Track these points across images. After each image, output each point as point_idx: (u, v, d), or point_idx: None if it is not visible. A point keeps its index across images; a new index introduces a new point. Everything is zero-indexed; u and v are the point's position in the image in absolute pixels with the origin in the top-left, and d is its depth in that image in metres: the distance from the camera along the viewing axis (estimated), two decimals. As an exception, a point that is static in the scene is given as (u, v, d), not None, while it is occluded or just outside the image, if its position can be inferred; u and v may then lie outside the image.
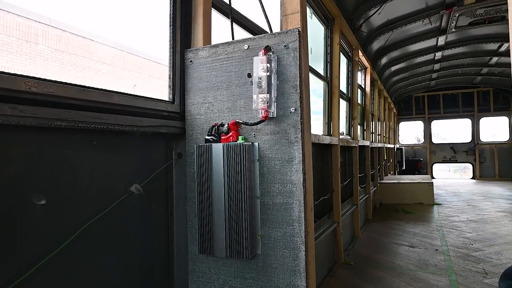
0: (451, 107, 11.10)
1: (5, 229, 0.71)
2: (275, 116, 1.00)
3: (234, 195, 0.98)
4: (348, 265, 3.42)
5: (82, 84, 0.89)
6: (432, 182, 6.49)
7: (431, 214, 5.66)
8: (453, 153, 11.02)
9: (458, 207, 6.16)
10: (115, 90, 0.99)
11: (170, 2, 1.24)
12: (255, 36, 1.05)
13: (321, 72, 3.58)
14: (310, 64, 2.79)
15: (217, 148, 1.01)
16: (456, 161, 11.13)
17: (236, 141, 1.01)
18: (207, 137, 1.07)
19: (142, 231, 1.08)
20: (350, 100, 4.76)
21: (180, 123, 1.18)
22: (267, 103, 0.98)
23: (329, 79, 3.70)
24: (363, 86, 5.76)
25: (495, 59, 7.04)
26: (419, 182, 6.48)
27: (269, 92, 0.98)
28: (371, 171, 5.63)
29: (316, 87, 3.65)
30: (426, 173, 10.59)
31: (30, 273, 0.74)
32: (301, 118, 0.97)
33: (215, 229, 1.00)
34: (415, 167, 10.78)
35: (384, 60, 6.39)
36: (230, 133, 1.03)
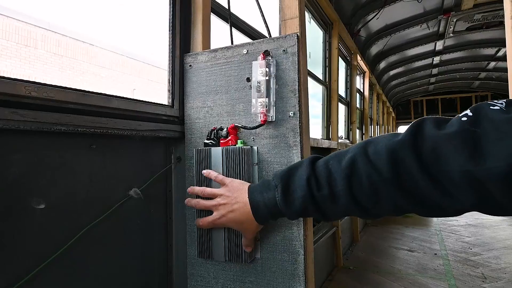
0: (449, 111, 11.13)
1: (4, 233, 0.70)
2: (274, 120, 1.00)
3: (233, 199, 0.98)
4: (347, 269, 3.41)
5: (82, 89, 0.89)
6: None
7: (430, 218, 5.66)
8: (451, 157, 11.02)
9: (457, 211, 6.15)
10: (114, 94, 0.99)
11: (170, 7, 1.24)
12: (254, 41, 1.05)
13: (320, 76, 3.60)
14: (309, 68, 2.80)
15: (216, 152, 1.01)
16: (454, 165, 11.13)
17: (235, 145, 1.01)
18: (206, 141, 1.07)
19: (141, 235, 1.08)
20: (348, 104, 4.77)
21: (179, 127, 1.18)
22: (266, 107, 0.98)
23: (328, 83, 3.72)
24: (361, 90, 5.78)
25: (492, 63, 7.07)
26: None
27: (268, 96, 0.99)
28: (370, 175, 5.62)
29: (316, 91, 3.67)
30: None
31: (29, 278, 0.74)
32: (300, 122, 0.97)
33: (214, 233, 1.00)
34: (414, 171, 10.76)
35: (382, 65, 6.42)
36: (229, 137, 1.03)
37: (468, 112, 0.51)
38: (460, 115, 0.52)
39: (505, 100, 0.51)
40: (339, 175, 0.61)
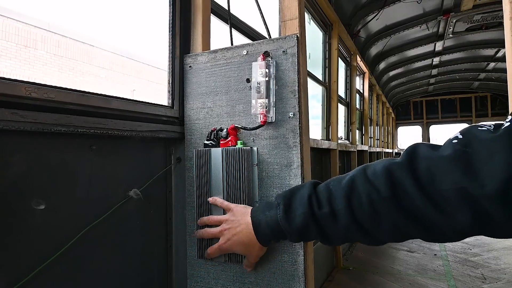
0: (449, 112, 11.12)
1: (4, 234, 0.71)
2: (273, 121, 1.00)
3: (233, 200, 0.98)
4: (347, 270, 3.41)
5: (82, 90, 0.89)
6: (431, 187, 6.47)
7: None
8: (451, 158, 10.98)
9: (456, 212, 6.15)
10: (114, 95, 0.99)
11: (169, 8, 1.25)
12: (253, 42, 1.05)
13: (320, 77, 3.60)
14: (308, 69, 2.80)
15: (216, 153, 1.01)
16: (454, 166, 11.09)
17: (235, 146, 1.01)
18: (206, 142, 1.07)
19: (141, 236, 1.08)
20: (348, 105, 4.78)
21: (179, 127, 1.18)
22: (266, 108, 0.99)
23: (328, 84, 3.72)
24: (361, 91, 5.78)
25: (492, 64, 7.07)
26: (417, 187, 6.46)
27: (267, 97, 0.99)
28: (369, 176, 5.61)
29: (316, 92, 3.67)
30: (424, 178, 10.55)
31: (29, 279, 0.74)
32: (299, 123, 0.97)
33: (214, 234, 1.00)
34: (413, 172, 10.74)
35: (382, 65, 6.42)
36: (229, 138, 1.03)
37: (458, 135, 0.54)
38: (450, 137, 0.55)
39: (493, 123, 0.53)
40: (339, 194, 0.62)
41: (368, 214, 0.58)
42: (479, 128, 0.52)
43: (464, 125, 0.55)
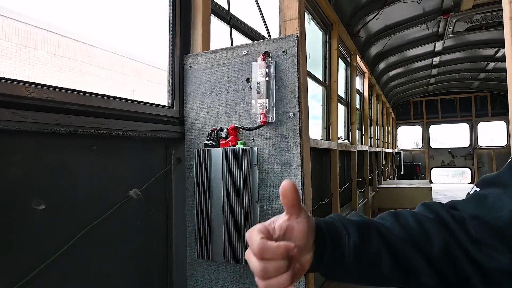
0: (449, 112, 11.11)
1: (4, 234, 0.71)
2: (273, 121, 1.00)
3: (233, 200, 0.98)
4: (347, 270, 3.39)
5: (82, 90, 0.89)
6: (431, 187, 6.49)
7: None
8: (451, 157, 11.01)
9: (456, 212, 6.14)
10: (114, 95, 0.99)
11: (169, 8, 1.25)
12: (253, 42, 1.06)
13: (320, 77, 3.60)
14: (308, 69, 2.80)
15: (216, 153, 1.01)
16: (454, 166, 11.11)
17: (235, 146, 1.01)
18: (206, 142, 1.07)
19: (141, 236, 1.08)
20: (348, 105, 4.77)
21: (179, 128, 1.19)
22: (266, 108, 0.99)
23: (328, 84, 3.72)
24: (361, 91, 5.78)
25: (492, 64, 7.07)
26: (417, 187, 6.48)
27: (267, 97, 0.99)
28: (369, 176, 5.63)
29: (316, 92, 3.67)
30: (424, 178, 10.58)
31: (29, 279, 0.74)
32: (299, 123, 0.97)
33: (214, 234, 1.00)
34: (413, 172, 10.79)
35: (382, 65, 6.42)
36: (229, 138, 1.04)
37: (475, 187, 0.58)
38: (471, 191, 0.59)
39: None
40: (385, 217, 0.62)
41: (415, 229, 0.58)
42: (488, 174, 0.57)
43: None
